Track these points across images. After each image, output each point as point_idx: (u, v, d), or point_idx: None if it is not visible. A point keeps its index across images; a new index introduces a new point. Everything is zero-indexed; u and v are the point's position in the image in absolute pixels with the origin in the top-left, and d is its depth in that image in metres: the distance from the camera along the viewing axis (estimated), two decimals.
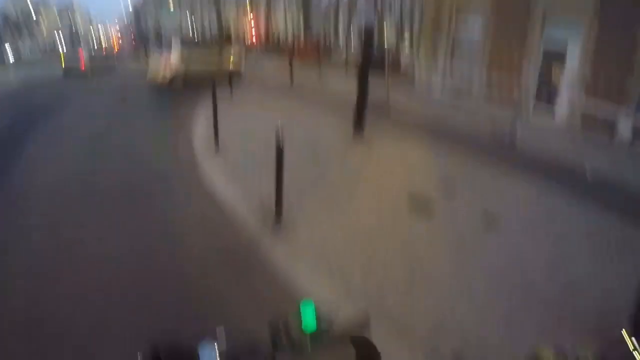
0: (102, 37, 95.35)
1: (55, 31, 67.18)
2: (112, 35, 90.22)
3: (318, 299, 3.51)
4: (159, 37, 32.07)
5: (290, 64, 15.12)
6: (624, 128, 9.19)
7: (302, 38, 26.01)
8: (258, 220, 4.73)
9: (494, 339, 3.37)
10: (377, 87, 9.67)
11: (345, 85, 11.61)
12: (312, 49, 21.16)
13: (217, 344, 1.09)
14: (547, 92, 10.71)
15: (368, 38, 8.43)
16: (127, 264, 3.94)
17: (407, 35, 16.70)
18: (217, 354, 1.07)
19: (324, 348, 1.14)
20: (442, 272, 4.04)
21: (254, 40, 32.69)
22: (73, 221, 4.68)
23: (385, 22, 17.01)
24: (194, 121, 9.41)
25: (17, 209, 5.08)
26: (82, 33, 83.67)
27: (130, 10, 71.48)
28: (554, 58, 10.55)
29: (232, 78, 12.04)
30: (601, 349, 3.17)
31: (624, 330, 3.03)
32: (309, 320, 1.12)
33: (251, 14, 32.96)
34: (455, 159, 7.15)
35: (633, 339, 3.15)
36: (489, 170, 6.87)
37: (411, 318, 3.41)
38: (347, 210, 5.07)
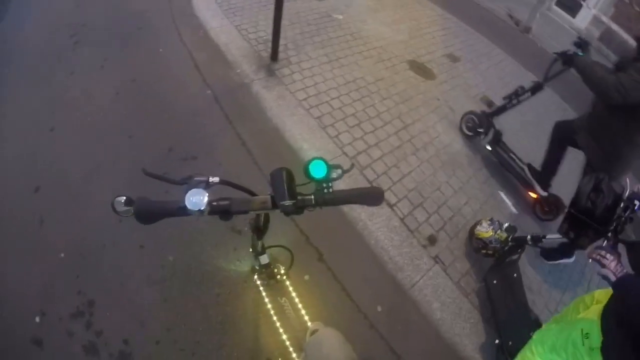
0: None
1: None
2: None
3: (306, 149, 3.46)
4: None
5: None
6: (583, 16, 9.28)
7: None
8: (253, 57, 4.42)
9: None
10: None
11: None
12: None
13: (208, 192, 1.05)
14: None
15: None
16: (118, 108, 3.77)
17: None
18: (206, 202, 1.03)
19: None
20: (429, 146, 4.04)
21: None
22: (64, 74, 4.16)
23: None
24: None
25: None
26: None
27: None
28: None
29: None
30: None
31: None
32: (318, 168, 1.12)
33: None
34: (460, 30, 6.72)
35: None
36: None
37: (396, 189, 3.46)
38: (343, 59, 4.88)
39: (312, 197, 1.13)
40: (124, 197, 1.06)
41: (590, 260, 1.89)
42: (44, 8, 5.02)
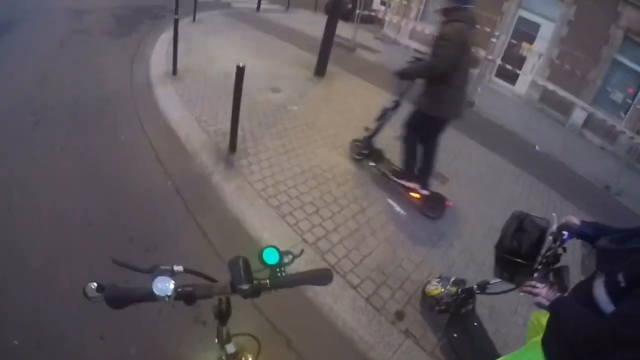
0: None
1: None
2: None
3: (267, 239, 3.51)
4: None
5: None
6: (578, 117, 9.88)
7: None
8: (212, 149, 4.63)
9: None
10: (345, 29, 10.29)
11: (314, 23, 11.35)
12: None
13: (173, 280, 1.15)
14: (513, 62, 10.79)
15: None
16: (78, 194, 3.76)
17: None
18: (172, 288, 1.13)
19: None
20: (387, 225, 4.16)
21: None
22: (23, 154, 4.17)
23: None
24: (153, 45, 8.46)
25: None
26: None
27: None
28: (524, 38, 11.10)
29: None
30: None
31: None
32: (270, 256, 1.28)
33: None
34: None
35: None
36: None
37: (359, 271, 3.52)
38: (299, 148, 5.15)
39: (267, 281, 1.27)
40: (95, 284, 1.12)
41: (521, 294, 1.95)
42: (5, 84, 5.22)
